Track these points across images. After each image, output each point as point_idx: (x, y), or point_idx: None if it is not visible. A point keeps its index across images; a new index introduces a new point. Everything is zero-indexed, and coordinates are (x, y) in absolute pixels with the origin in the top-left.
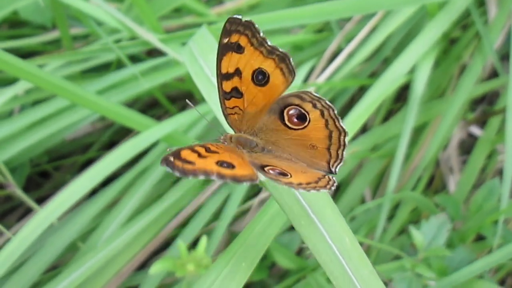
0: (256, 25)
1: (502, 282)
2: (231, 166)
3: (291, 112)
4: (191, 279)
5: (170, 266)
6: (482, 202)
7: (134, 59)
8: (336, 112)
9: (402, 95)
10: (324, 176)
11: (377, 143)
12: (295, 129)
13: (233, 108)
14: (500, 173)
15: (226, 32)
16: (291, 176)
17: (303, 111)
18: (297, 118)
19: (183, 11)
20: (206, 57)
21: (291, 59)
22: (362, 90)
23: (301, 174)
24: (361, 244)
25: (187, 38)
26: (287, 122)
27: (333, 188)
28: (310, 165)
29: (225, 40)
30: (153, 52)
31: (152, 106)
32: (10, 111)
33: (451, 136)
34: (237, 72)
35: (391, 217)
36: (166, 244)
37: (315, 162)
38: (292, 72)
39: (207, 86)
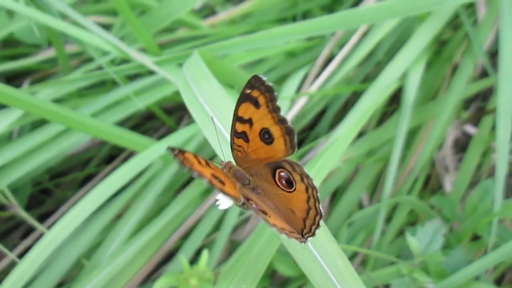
0: (275, 93)
1: (501, 277)
2: (222, 183)
3: (282, 174)
4: None
5: (173, 281)
6: (477, 203)
7: (130, 75)
8: (318, 194)
9: (395, 97)
10: (298, 232)
11: (372, 147)
12: (282, 189)
13: (239, 146)
14: (495, 169)
15: (249, 85)
16: (270, 217)
17: (291, 178)
18: (286, 182)
19: (176, 23)
20: (198, 84)
21: (295, 136)
22: (355, 95)
23: (279, 219)
24: (357, 253)
25: (182, 59)
26: (277, 180)
27: (304, 243)
28: (287, 223)
29: (248, 91)
30: None
31: (149, 119)
32: (9, 133)
33: (445, 136)
34: (250, 122)
35: (389, 218)
36: (169, 256)
37: (292, 223)
38: (293, 147)
39: (200, 113)
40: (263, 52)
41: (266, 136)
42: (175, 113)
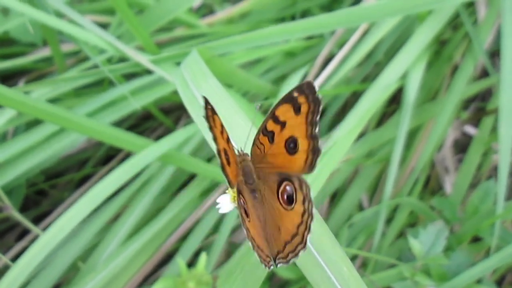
0: (320, 107)
1: (501, 279)
2: (228, 162)
3: (287, 187)
4: None
5: (171, 285)
6: (478, 204)
7: (127, 74)
8: (312, 223)
9: (395, 97)
10: (267, 256)
11: (372, 148)
12: (280, 203)
13: (261, 144)
14: (496, 170)
15: (299, 90)
16: (249, 221)
17: (294, 196)
18: (287, 197)
19: (174, 22)
20: (197, 83)
21: (319, 157)
22: (354, 96)
23: (257, 232)
24: (357, 255)
25: (180, 57)
26: (279, 193)
27: (267, 267)
28: (268, 240)
29: (295, 94)
30: None
31: (146, 119)
32: (4, 133)
33: (445, 136)
34: (283, 124)
35: (389, 219)
36: (167, 258)
37: (272, 242)
38: (311, 168)
39: (199, 113)
40: (262, 52)
41: (291, 145)
42: (172, 113)
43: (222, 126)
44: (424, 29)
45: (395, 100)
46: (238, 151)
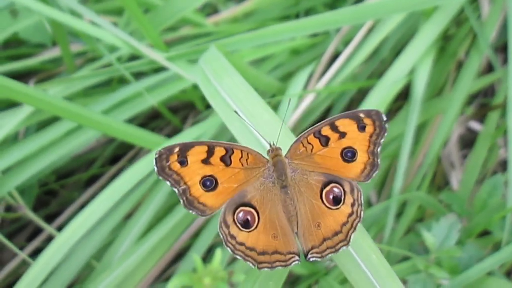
0: (385, 134)
1: (508, 273)
2: (211, 186)
3: (335, 189)
4: None
5: (187, 280)
6: (486, 198)
7: (137, 73)
8: (359, 223)
9: (400, 94)
10: (288, 253)
11: None
12: (322, 201)
13: (308, 143)
14: (501, 165)
15: (367, 113)
16: (254, 228)
17: (342, 198)
18: (332, 198)
19: (181, 21)
20: (219, 78)
21: (377, 171)
22: (360, 92)
23: (268, 236)
24: None
25: (193, 55)
26: (323, 192)
27: (282, 267)
28: (299, 235)
29: (361, 115)
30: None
31: (154, 118)
32: (15, 134)
33: (451, 132)
34: (342, 134)
35: (398, 214)
36: (179, 255)
37: (306, 237)
38: (368, 178)
39: (223, 107)
40: (268, 49)
41: (348, 155)
42: (179, 112)
43: (207, 150)
44: (430, 25)
45: (399, 97)
46: (270, 145)
